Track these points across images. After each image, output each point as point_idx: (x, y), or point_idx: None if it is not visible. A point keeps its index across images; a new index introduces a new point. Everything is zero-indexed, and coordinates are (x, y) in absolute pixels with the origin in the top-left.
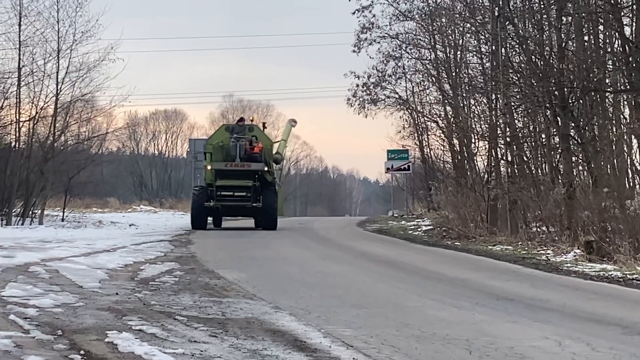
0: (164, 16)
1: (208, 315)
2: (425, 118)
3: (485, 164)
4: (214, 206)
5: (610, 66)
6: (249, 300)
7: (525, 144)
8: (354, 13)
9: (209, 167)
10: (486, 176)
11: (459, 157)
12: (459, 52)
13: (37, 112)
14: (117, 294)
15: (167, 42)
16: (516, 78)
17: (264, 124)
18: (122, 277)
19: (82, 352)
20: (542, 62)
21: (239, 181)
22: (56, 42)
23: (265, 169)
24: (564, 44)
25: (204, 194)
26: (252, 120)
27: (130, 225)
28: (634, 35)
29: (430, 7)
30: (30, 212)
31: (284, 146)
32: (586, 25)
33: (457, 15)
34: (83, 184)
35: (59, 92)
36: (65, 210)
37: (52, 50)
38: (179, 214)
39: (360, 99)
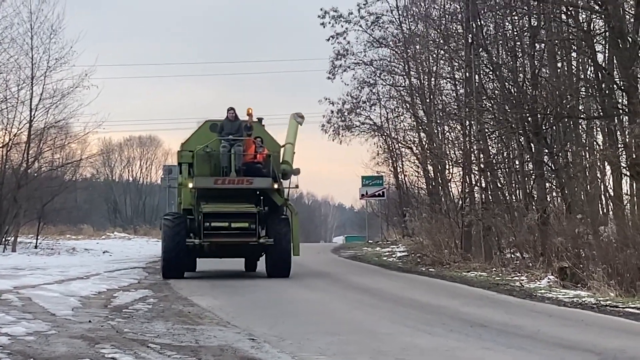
0: (138, 42)
1: (181, 342)
2: (400, 144)
3: (460, 190)
4: (199, 245)
5: (583, 93)
6: (223, 327)
7: (499, 170)
8: (328, 40)
9: (189, 185)
10: (460, 202)
11: (433, 184)
12: (432, 79)
13: (10, 139)
14: (90, 321)
15: (141, 68)
16: (490, 105)
17: (260, 119)
18: (95, 304)
19: None
20: (515, 89)
21: (236, 205)
22: (30, 69)
23: (275, 186)
24: (537, 70)
25: (182, 226)
26: (250, 115)
27: (104, 252)
28: (606, 62)
29: (404, 34)
30: (3, 240)
31: (292, 152)
32: (559, 52)
33: (431, 42)
34: (57, 210)
35: (32, 118)
36: (38, 237)
37: (26, 77)
38: (153, 240)
39: (335, 125)
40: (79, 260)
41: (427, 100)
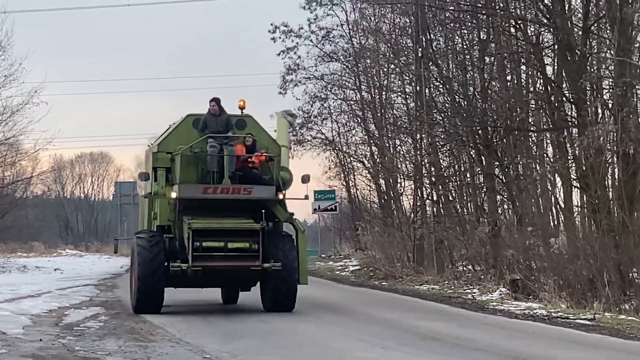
0: (88, 58)
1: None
2: (352, 158)
3: (411, 203)
4: (187, 271)
5: (533, 105)
6: (175, 344)
7: (451, 183)
8: (279, 54)
9: (172, 195)
10: (412, 216)
11: (385, 197)
12: (383, 93)
13: None
14: (40, 340)
15: (91, 84)
16: (440, 118)
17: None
18: (46, 322)
19: None
20: (465, 102)
21: (233, 221)
22: None
23: (280, 196)
24: (486, 84)
25: (160, 247)
26: (242, 109)
27: (55, 269)
28: (555, 74)
29: (355, 49)
30: None
31: (287, 157)
32: (509, 66)
33: (381, 57)
34: (7, 228)
35: None
36: None
37: None
38: (105, 257)
39: None
40: (30, 278)
41: (378, 114)
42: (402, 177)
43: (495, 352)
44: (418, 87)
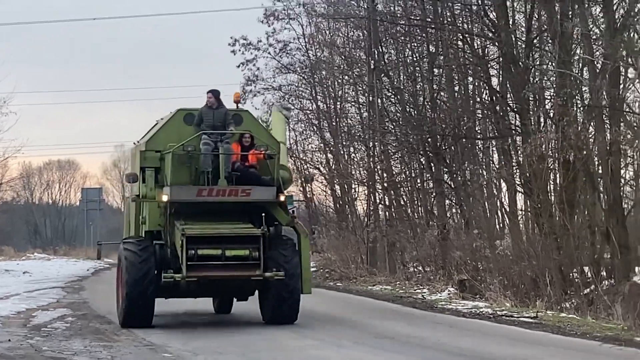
0: (54, 69)
1: (98, 359)
2: (308, 165)
3: (365, 208)
4: (180, 282)
5: (479, 115)
6: (139, 344)
7: (402, 188)
8: (238, 66)
9: (163, 198)
10: (366, 220)
11: (340, 202)
12: (338, 103)
13: None
14: (9, 340)
15: (58, 94)
16: (392, 127)
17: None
18: (15, 323)
19: None
20: (415, 112)
21: (231, 226)
22: None
23: (282, 198)
24: (435, 94)
25: (150, 256)
26: (238, 102)
27: (24, 272)
28: (500, 85)
29: (311, 61)
30: None
31: (286, 155)
32: (456, 77)
33: (336, 68)
34: None
35: None
36: None
37: None
38: (72, 261)
39: None
40: None
41: (333, 123)
42: (356, 183)
43: (444, 349)
44: (371, 98)
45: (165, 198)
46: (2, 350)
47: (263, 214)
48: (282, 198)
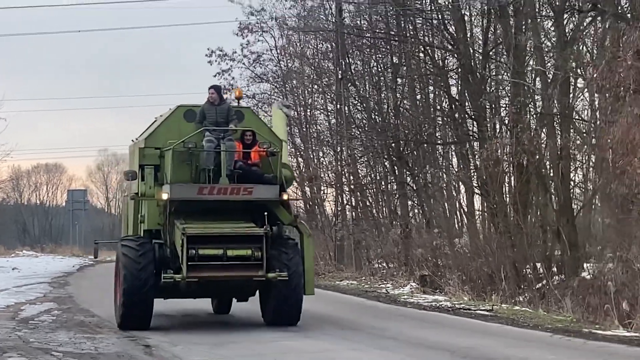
0: (43, 78)
1: (82, 350)
2: None
3: (333, 208)
4: (180, 283)
5: (439, 121)
6: (120, 335)
7: (367, 190)
8: (215, 76)
9: (163, 196)
10: (334, 219)
11: (310, 203)
12: (308, 110)
13: None
14: None
15: (47, 101)
16: (358, 133)
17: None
18: (4, 317)
19: None
20: (380, 119)
21: (233, 225)
22: None
23: (285, 197)
24: (398, 102)
25: (150, 256)
26: (240, 99)
27: (13, 269)
28: (459, 94)
29: (283, 71)
30: None
31: (287, 152)
32: (418, 86)
33: (306, 78)
34: None
35: None
36: None
37: None
38: (59, 257)
39: None
40: None
41: (304, 129)
42: (324, 185)
43: (406, 340)
44: (338, 105)
45: (165, 196)
46: None
47: (265, 213)
48: (285, 197)
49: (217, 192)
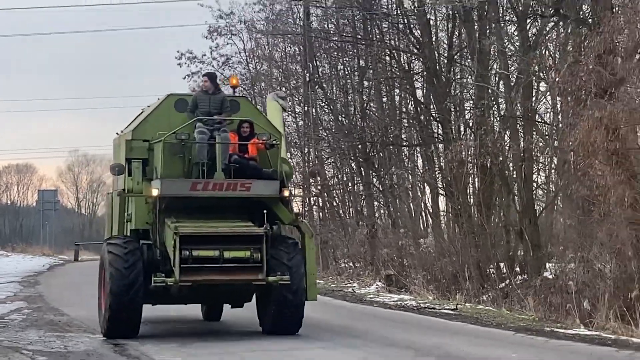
0: (13, 78)
1: (52, 349)
2: None
3: (300, 209)
4: (172, 287)
5: (405, 124)
6: (90, 334)
7: (335, 191)
8: (184, 78)
9: (153, 192)
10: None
11: None
12: None
13: None
14: None
15: (14, 103)
16: (325, 134)
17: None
18: None
19: None
20: (347, 121)
21: (229, 224)
22: None
23: (285, 193)
24: (365, 105)
25: (137, 257)
26: (235, 87)
27: None
28: (424, 97)
29: (251, 73)
30: None
31: (285, 147)
32: (384, 89)
33: (274, 80)
34: None
35: None
36: None
37: None
38: (29, 257)
39: None
40: None
41: None
42: (292, 185)
43: (372, 339)
44: (306, 108)
45: (155, 192)
46: None
47: (265, 211)
48: (286, 193)
49: (212, 187)
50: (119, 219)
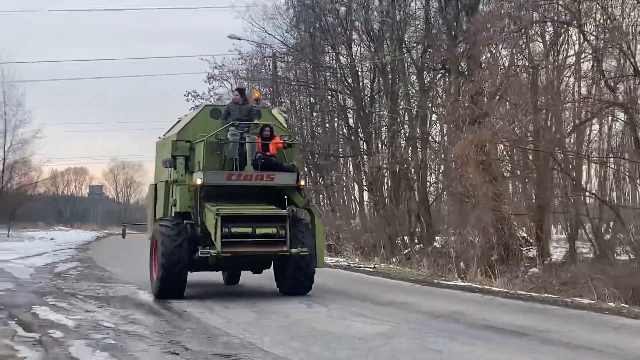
0: (71, 108)
1: (98, 294)
2: None
3: None
4: (214, 258)
5: (341, 142)
6: (124, 284)
7: None
8: (190, 109)
9: (197, 181)
10: None
11: None
12: None
13: None
14: (40, 282)
15: (75, 124)
16: None
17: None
18: (44, 271)
19: (16, 319)
20: (302, 140)
21: (259, 207)
22: (4, 126)
23: (302, 183)
24: (314, 129)
25: (184, 235)
26: (258, 100)
27: (51, 239)
28: (354, 124)
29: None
30: None
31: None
32: (327, 118)
33: None
34: (23, 213)
35: (5, 157)
36: (10, 230)
37: (1, 131)
38: (82, 231)
39: None
40: (35, 244)
41: None
42: None
43: (316, 287)
44: None
45: (199, 181)
46: (36, 288)
47: (285, 197)
48: (302, 183)
49: (244, 178)
50: (164, 204)
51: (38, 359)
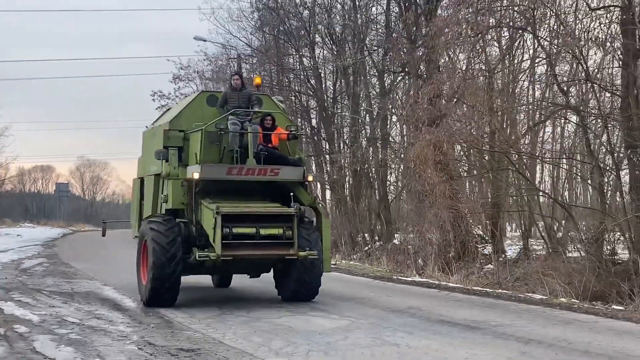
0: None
1: (62, 290)
2: None
3: None
4: (215, 261)
5: (305, 142)
6: (89, 280)
7: None
8: (157, 109)
9: (194, 175)
10: None
11: None
12: None
13: None
14: (6, 278)
15: (43, 123)
16: None
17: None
18: (10, 267)
19: None
20: None
21: (263, 205)
22: None
23: (310, 178)
24: None
25: (177, 234)
26: (259, 87)
27: (17, 235)
28: (317, 124)
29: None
30: None
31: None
32: (291, 118)
33: None
34: None
35: None
36: None
37: None
38: (49, 228)
39: None
40: (2, 241)
41: None
42: None
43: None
44: None
45: (196, 176)
46: (2, 284)
47: (291, 194)
48: (310, 178)
49: (246, 172)
50: (152, 200)
51: (2, 354)
